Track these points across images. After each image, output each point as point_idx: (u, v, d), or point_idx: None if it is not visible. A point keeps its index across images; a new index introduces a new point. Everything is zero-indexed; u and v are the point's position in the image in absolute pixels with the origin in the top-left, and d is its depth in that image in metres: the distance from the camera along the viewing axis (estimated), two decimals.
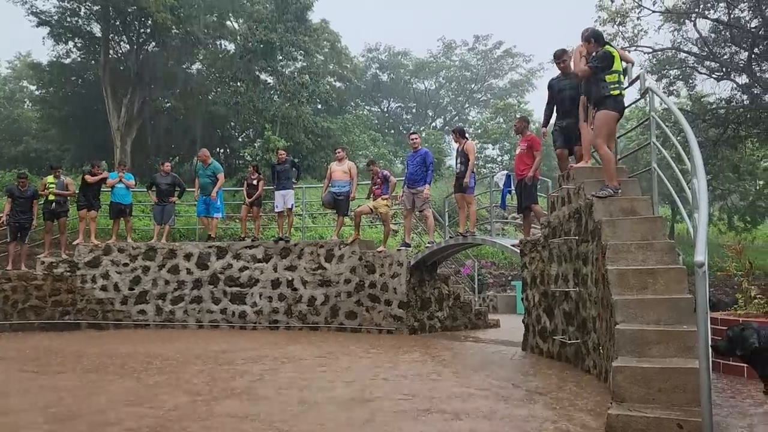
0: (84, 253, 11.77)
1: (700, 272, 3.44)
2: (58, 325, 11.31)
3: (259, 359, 7.42)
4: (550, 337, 7.64)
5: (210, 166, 11.96)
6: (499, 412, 4.66)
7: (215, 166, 12.08)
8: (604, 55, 5.99)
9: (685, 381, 4.03)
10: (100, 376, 6.37)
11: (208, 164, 11.97)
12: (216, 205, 11.98)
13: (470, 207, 10.00)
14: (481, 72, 46.27)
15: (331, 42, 32.47)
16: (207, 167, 11.94)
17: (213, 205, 11.91)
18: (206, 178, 11.87)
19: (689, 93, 21.71)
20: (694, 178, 4.39)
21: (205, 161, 11.97)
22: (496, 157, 37.48)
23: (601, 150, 5.98)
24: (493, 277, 20.55)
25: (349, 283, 11.00)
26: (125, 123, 25.32)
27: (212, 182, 11.84)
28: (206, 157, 12.04)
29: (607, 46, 6.14)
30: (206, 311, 11.49)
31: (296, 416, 4.54)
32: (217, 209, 12.05)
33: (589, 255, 6.13)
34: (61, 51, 27.74)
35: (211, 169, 11.93)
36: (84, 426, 4.28)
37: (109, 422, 4.36)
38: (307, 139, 27.49)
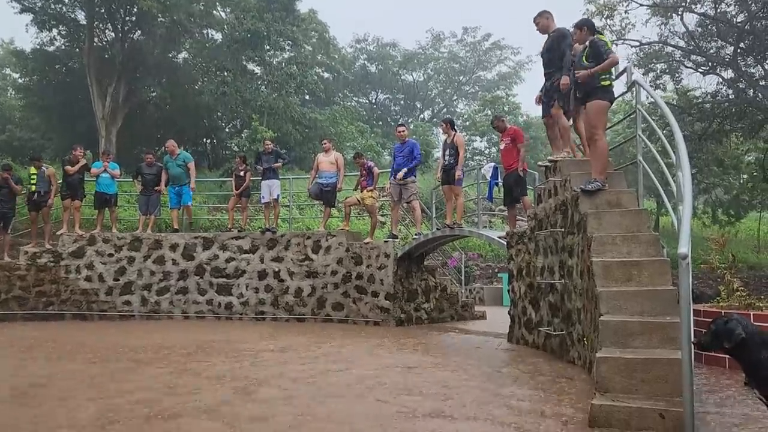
0: (68, 243, 11.65)
1: (683, 264, 3.47)
2: (42, 315, 11.20)
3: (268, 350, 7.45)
4: (535, 328, 7.70)
5: (179, 156, 11.91)
6: (484, 402, 4.69)
7: (185, 155, 12.05)
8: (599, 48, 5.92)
9: (668, 372, 4.07)
10: (124, 365, 6.46)
11: (176, 155, 11.89)
12: (189, 194, 11.93)
13: (458, 199, 10.03)
14: (470, 64, 46.23)
15: (319, 32, 32.26)
16: (176, 158, 11.87)
17: (186, 194, 11.84)
18: (177, 168, 11.81)
19: (675, 87, 21.86)
20: (679, 170, 4.44)
21: (173, 152, 11.90)
22: (483, 149, 37.54)
23: (600, 141, 5.98)
24: (479, 269, 20.64)
25: (336, 274, 10.99)
26: (110, 112, 25.01)
27: (184, 171, 11.78)
28: (174, 148, 11.97)
29: (599, 35, 6.12)
30: (192, 302, 11.44)
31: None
32: (189, 197, 11.99)
33: (575, 247, 6.17)
34: (45, 38, 27.32)
35: (181, 159, 11.88)
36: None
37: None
38: (294, 130, 27.36)
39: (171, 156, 11.93)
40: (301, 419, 4.22)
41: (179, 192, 11.86)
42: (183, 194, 11.86)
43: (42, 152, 21.84)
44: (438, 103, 48.60)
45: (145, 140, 28.02)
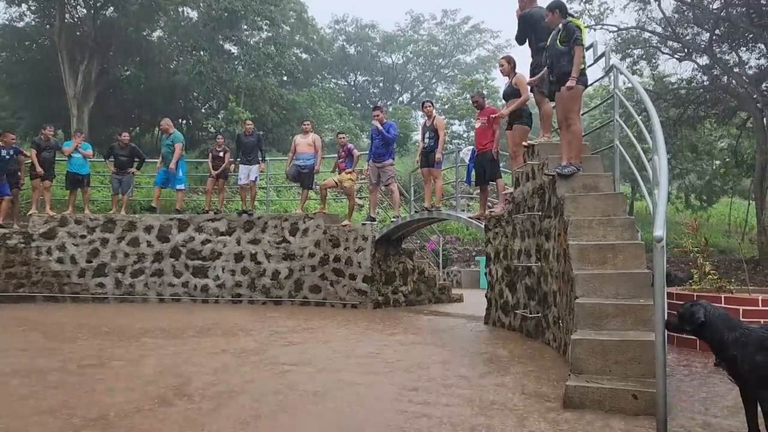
0: (38, 224, 11.39)
1: (658, 247, 3.50)
2: (12, 297, 10.97)
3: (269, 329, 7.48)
4: (511, 311, 7.76)
5: (171, 136, 11.66)
6: (459, 382, 4.72)
7: (175, 136, 11.77)
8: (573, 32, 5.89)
9: (641, 353, 4.13)
10: (139, 342, 6.67)
11: (169, 134, 11.67)
12: (178, 177, 11.68)
13: (437, 182, 10.01)
14: (449, 47, 46.05)
15: (297, 12, 31.82)
16: (168, 137, 11.64)
17: (174, 176, 11.61)
18: (166, 147, 11.58)
19: (652, 72, 22.04)
20: (655, 155, 4.46)
21: (167, 131, 11.67)
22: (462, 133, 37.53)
23: (575, 126, 5.98)
24: (457, 253, 20.74)
25: (314, 257, 10.94)
26: (82, 90, 24.42)
27: (172, 152, 11.55)
28: (168, 126, 11.72)
29: (572, 19, 6.09)
30: (167, 285, 11.30)
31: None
32: (179, 181, 11.76)
33: (552, 230, 6.21)
34: (14, 14, 26.53)
35: (170, 139, 11.63)
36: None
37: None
38: (272, 112, 27.04)
39: (165, 135, 11.67)
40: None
41: (167, 172, 11.60)
42: (171, 177, 11.58)
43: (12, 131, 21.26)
44: (417, 86, 48.41)
45: (118, 120, 27.47)
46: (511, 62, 8.07)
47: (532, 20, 7.10)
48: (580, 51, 5.83)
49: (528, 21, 7.21)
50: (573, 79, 5.79)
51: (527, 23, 7.21)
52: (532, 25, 7.12)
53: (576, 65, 5.79)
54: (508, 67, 8.04)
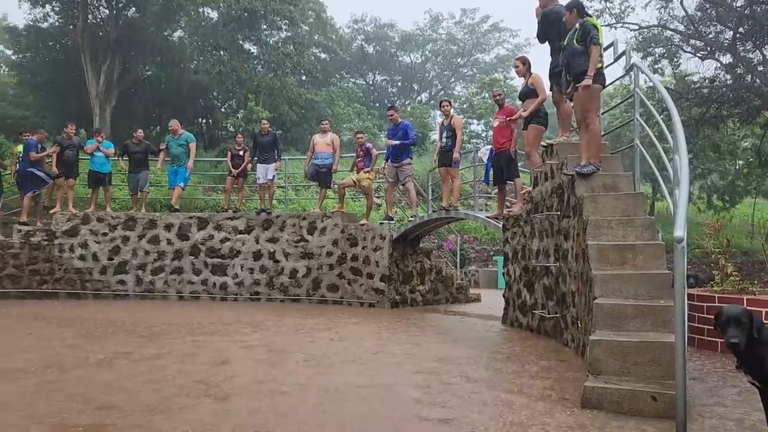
0: (61, 222, 11.58)
1: (679, 247, 3.46)
2: (36, 293, 11.17)
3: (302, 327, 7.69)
4: (529, 311, 7.72)
5: (182, 136, 11.78)
6: (476, 383, 4.71)
7: (187, 136, 11.91)
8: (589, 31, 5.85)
9: (660, 355, 4.10)
10: (195, 338, 6.91)
11: (179, 134, 11.78)
12: (186, 175, 11.83)
13: (455, 181, 9.98)
14: (468, 46, 45.87)
15: (316, 12, 31.94)
16: (178, 137, 11.75)
17: (182, 174, 11.75)
18: (179, 147, 11.70)
19: (674, 71, 21.74)
20: (676, 154, 4.41)
21: (176, 131, 11.78)
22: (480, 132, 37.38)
23: (593, 125, 5.94)
24: (475, 252, 20.67)
25: (331, 255, 10.98)
26: (104, 90, 24.76)
27: (185, 152, 11.68)
28: (177, 127, 11.85)
29: (589, 19, 6.05)
30: (187, 282, 11.42)
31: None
32: (184, 179, 11.89)
33: (571, 230, 6.16)
34: (38, 15, 26.93)
35: (183, 139, 11.75)
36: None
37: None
38: (290, 111, 27.15)
39: (174, 135, 11.79)
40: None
41: (177, 171, 11.75)
42: (178, 174, 11.75)
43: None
44: (435, 86, 48.30)
45: (139, 119, 27.77)
46: (525, 63, 8.05)
47: (556, 18, 6.97)
48: (596, 50, 5.78)
49: (551, 18, 7.09)
50: (589, 78, 5.75)
51: (550, 20, 7.10)
52: (554, 23, 7.01)
53: (592, 64, 5.75)
54: (523, 68, 8.02)
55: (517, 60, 8.27)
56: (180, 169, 11.71)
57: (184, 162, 11.71)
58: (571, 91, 6.17)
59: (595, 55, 5.77)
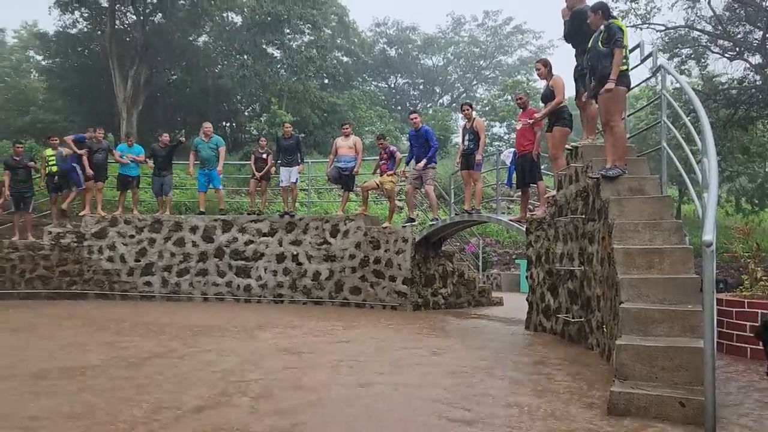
0: (90, 224, 11.81)
1: (708, 251, 3.42)
2: (65, 294, 11.41)
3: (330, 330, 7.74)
4: (553, 315, 7.66)
5: (212, 139, 11.91)
6: (502, 387, 4.69)
7: (217, 140, 12.03)
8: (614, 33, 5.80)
9: (689, 360, 4.04)
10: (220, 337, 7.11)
11: (210, 137, 11.92)
12: (218, 178, 11.97)
13: (477, 184, 9.96)
14: (490, 48, 45.72)
15: (338, 15, 32.12)
16: (209, 140, 11.89)
17: (216, 178, 11.89)
18: (209, 150, 11.82)
19: (701, 72, 21.42)
20: (704, 157, 4.35)
21: (208, 134, 11.92)
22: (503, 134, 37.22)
23: (617, 128, 5.89)
24: (497, 255, 20.58)
25: (354, 258, 11.02)
26: (131, 95, 25.23)
27: (215, 155, 11.81)
28: (210, 131, 11.98)
29: (614, 21, 6.00)
30: (211, 284, 11.56)
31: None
32: (219, 181, 12.04)
33: (596, 234, 6.11)
34: (68, 21, 27.58)
35: (213, 142, 11.88)
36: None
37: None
38: (313, 114, 27.36)
39: (204, 138, 11.93)
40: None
41: (209, 175, 11.90)
42: (213, 178, 11.91)
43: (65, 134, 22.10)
44: (458, 88, 48.22)
45: (165, 123, 28.24)
46: (547, 65, 7.99)
47: (586, 18, 6.89)
48: (619, 53, 5.74)
49: (582, 17, 6.97)
50: (611, 81, 5.71)
51: (581, 20, 6.97)
52: (584, 23, 6.89)
53: (615, 67, 5.71)
54: (545, 70, 7.96)
55: (538, 62, 8.22)
56: (212, 172, 11.85)
57: (214, 165, 11.85)
58: (596, 93, 6.13)
59: (618, 58, 5.73)
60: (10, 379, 4.84)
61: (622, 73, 5.82)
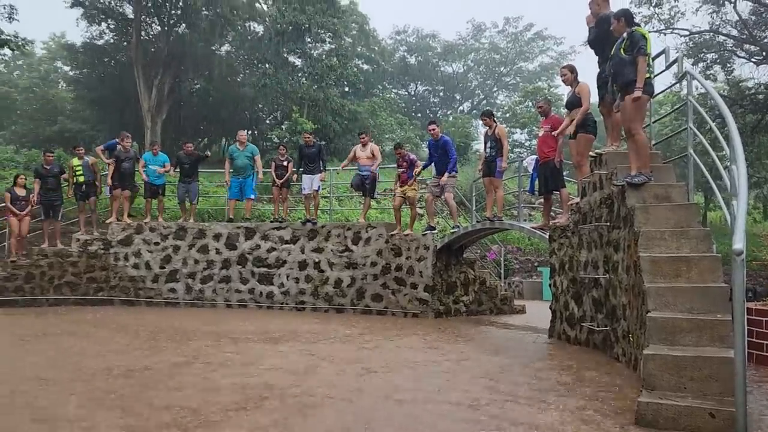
0: (117, 232, 12.01)
1: (738, 260, 3.37)
2: (92, 300, 11.60)
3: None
4: (578, 323, 7.59)
5: (247, 148, 12.06)
6: (527, 396, 4.66)
7: (252, 148, 12.18)
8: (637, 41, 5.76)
9: (718, 370, 3.98)
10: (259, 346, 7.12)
11: (245, 146, 12.06)
12: (252, 187, 12.11)
13: (497, 191, 9.92)
14: (511, 55, 45.59)
15: (359, 24, 32.32)
16: (244, 149, 12.02)
17: (250, 186, 12.02)
18: (245, 159, 11.95)
19: (727, 77, 21.11)
20: (733, 164, 4.30)
21: (243, 143, 12.07)
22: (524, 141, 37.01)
23: (638, 135, 5.85)
24: (519, 263, 20.43)
25: (376, 265, 11.04)
26: (156, 104, 25.65)
27: (251, 164, 11.94)
28: (245, 139, 12.14)
29: (637, 28, 5.96)
30: (234, 291, 11.66)
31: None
32: (252, 190, 12.18)
33: (621, 242, 6.05)
34: (95, 32, 28.16)
35: (249, 151, 12.03)
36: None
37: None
38: (334, 122, 27.51)
39: (240, 147, 12.06)
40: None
41: (242, 184, 12.02)
42: (246, 187, 12.03)
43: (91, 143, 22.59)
44: (478, 95, 48.12)
45: (188, 131, 28.64)
46: (573, 71, 7.94)
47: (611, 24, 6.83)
48: (643, 61, 5.69)
49: (607, 24, 6.87)
50: (638, 89, 5.67)
51: (606, 26, 6.88)
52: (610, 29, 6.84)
53: (641, 75, 5.67)
54: (571, 76, 7.90)
55: (564, 68, 8.17)
56: (246, 180, 11.97)
57: (249, 174, 11.96)
58: (618, 101, 6.09)
59: (643, 66, 5.68)
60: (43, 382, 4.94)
61: (645, 80, 5.78)
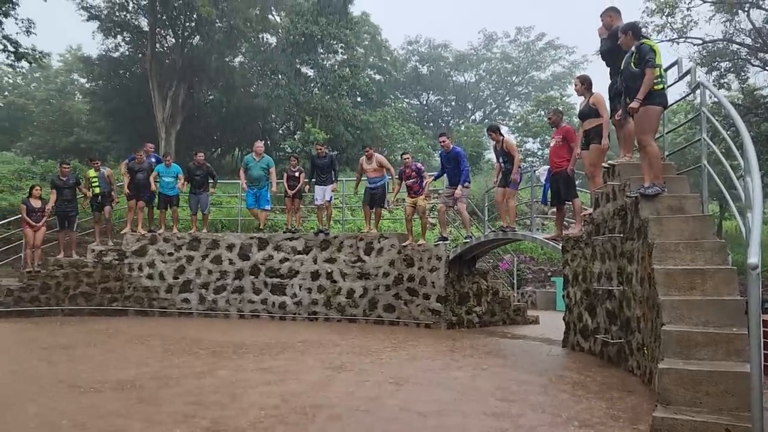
0: (131, 242, 12.12)
1: (753, 274, 3.34)
2: (107, 311, 11.70)
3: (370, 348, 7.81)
4: (591, 335, 7.54)
5: (263, 159, 12.14)
6: (543, 411, 4.63)
7: (268, 160, 12.25)
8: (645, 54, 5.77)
9: (734, 385, 3.94)
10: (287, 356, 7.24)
11: (261, 157, 12.14)
12: (267, 198, 12.18)
13: (509, 202, 9.90)
14: (523, 64, 45.60)
15: (371, 34, 32.54)
16: (260, 160, 12.11)
17: (265, 197, 12.10)
18: (260, 170, 12.03)
19: (741, 86, 20.95)
20: (747, 176, 4.26)
21: (259, 154, 12.15)
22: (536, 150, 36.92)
23: (649, 147, 5.84)
24: (532, 273, 20.32)
25: (388, 276, 11.04)
26: (170, 115, 25.94)
27: (266, 175, 12.03)
28: (261, 150, 12.21)
29: (646, 41, 5.98)
30: (247, 301, 11.71)
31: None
32: (267, 201, 12.25)
33: (635, 253, 6.01)
34: (110, 45, 28.58)
35: (265, 162, 12.10)
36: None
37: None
38: (346, 132, 27.64)
39: (256, 158, 12.14)
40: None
41: (257, 195, 12.10)
42: (261, 197, 12.10)
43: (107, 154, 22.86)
44: (490, 104, 48.15)
45: (202, 142, 28.90)
46: (585, 82, 7.92)
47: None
48: (651, 73, 5.70)
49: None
50: (638, 101, 5.71)
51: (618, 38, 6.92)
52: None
53: (644, 87, 5.68)
54: (582, 87, 7.87)
55: (576, 79, 8.17)
56: (261, 191, 12.05)
57: (264, 185, 12.05)
58: (622, 111, 6.13)
59: (649, 78, 5.70)
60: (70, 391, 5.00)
61: (658, 92, 5.78)
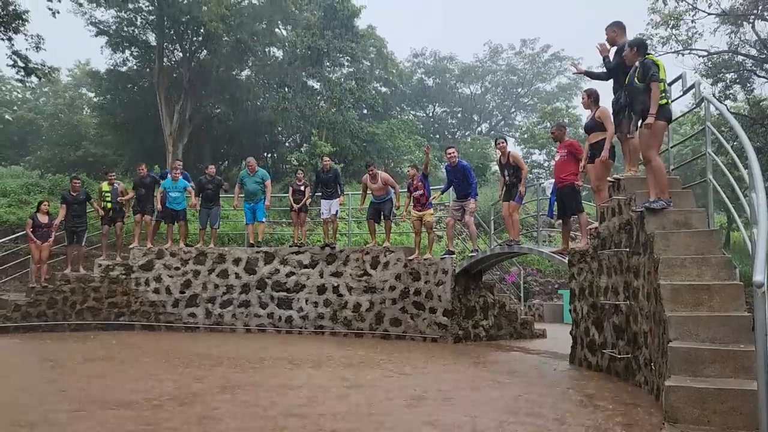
0: (138, 257, 12.16)
1: (759, 293, 3.33)
2: (114, 325, 11.73)
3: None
4: (599, 350, 7.49)
5: (257, 173, 12.17)
6: (550, 427, 4.60)
7: (263, 173, 12.29)
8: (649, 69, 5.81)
9: (742, 403, 3.91)
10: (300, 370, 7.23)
11: (255, 171, 12.19)
12: (262, 209, 12.20)
13: (512, 216, 9.89)
14: (528, 76, 45.74)
15: (377, 47, 32.71)
16: (254, 174, 12.15)
17: (261, 210, 12.12)
18: (255, 184, 12.08)
19: (746, 97, 20.92)
20: (752, 192, 4.25)
21: (253, 168, 12.20)
22: (542, 162, 36.92)
23: (654, 161, 5.84)
24: (539, 285, 20.25)
25: (394, 290, 11.03)
26: (177, 128, 26.11)
27: (261, 189, 12.06)
28: (254, 165, 12.26)
29: (649, 56, 6.02)
30: (254, 315, 11.72)
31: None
32: (263, 213, 12.26)
33: (641, 268, 5.99)
34: (118, 59, 28.82)
35: (259, 176, 12.14)
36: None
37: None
38: (352, 144, 27.73)
39: (249, 172, 12.21)
40: None
41: (254, 208, 12.15)
42: (257, 210, 12.15)
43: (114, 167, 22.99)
44: (496, 116, 48.25)
45: (209, 155, 29.03)
46: (592, 96, 7.95)
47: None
48: (656, 87, 5.74)
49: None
50: (652, 116, 5.71)
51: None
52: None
53: (654, 102, 5.72)
54: (589, 101, 7.92)
55: (584, 92, 8.20)
56: (257, 205, 12.10)
57: (259, 199, 12.09)
58: (632, 126, 6.14)
59: (656, 92, 5.73)
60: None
61: (662, 107, 5.81)
